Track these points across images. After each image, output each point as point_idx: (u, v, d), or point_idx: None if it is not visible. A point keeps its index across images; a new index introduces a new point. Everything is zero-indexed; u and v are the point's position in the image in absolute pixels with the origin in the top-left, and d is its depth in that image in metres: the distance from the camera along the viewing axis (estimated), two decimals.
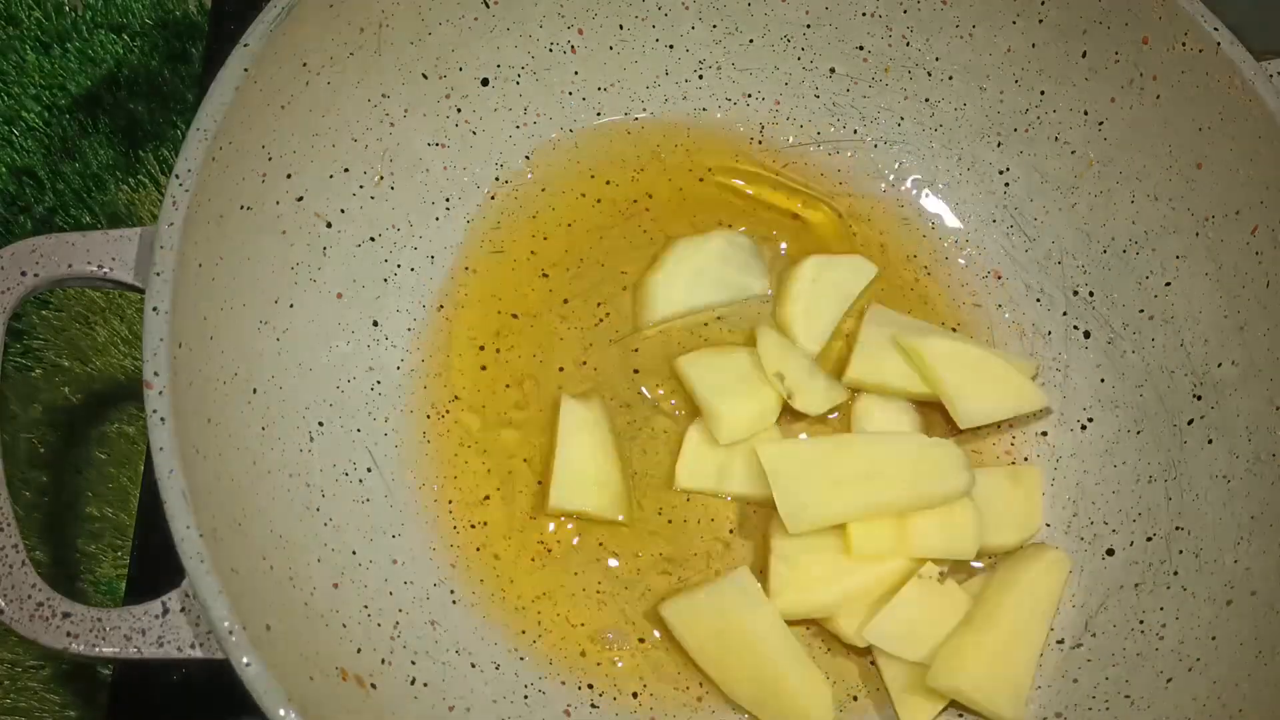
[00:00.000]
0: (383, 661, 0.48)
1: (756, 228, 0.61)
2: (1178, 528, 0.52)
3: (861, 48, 0.60)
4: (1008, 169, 0.60)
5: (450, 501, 0.54)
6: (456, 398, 0.56)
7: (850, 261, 0.59)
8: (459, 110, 0.58)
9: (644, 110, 0.62)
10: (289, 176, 0.51)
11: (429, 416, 0.56)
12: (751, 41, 0.61)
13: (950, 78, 0.60)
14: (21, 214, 0.64)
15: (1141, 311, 0.56)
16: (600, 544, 0.54)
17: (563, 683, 0.51)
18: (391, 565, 0.52)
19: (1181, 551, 0.51)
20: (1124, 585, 0.53)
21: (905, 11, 0.58)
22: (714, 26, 0.60)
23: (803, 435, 0.56)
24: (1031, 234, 0.60)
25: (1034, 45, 0.57)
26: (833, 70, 0.61)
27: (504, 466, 0.55)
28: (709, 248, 0.59)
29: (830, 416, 0.56)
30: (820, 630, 0.53)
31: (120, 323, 0.62)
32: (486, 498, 0.54)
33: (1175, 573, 0.51)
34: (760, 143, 0.63)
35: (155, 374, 0.41)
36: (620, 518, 0.54)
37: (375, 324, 0.56)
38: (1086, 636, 0.52)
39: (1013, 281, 0.60)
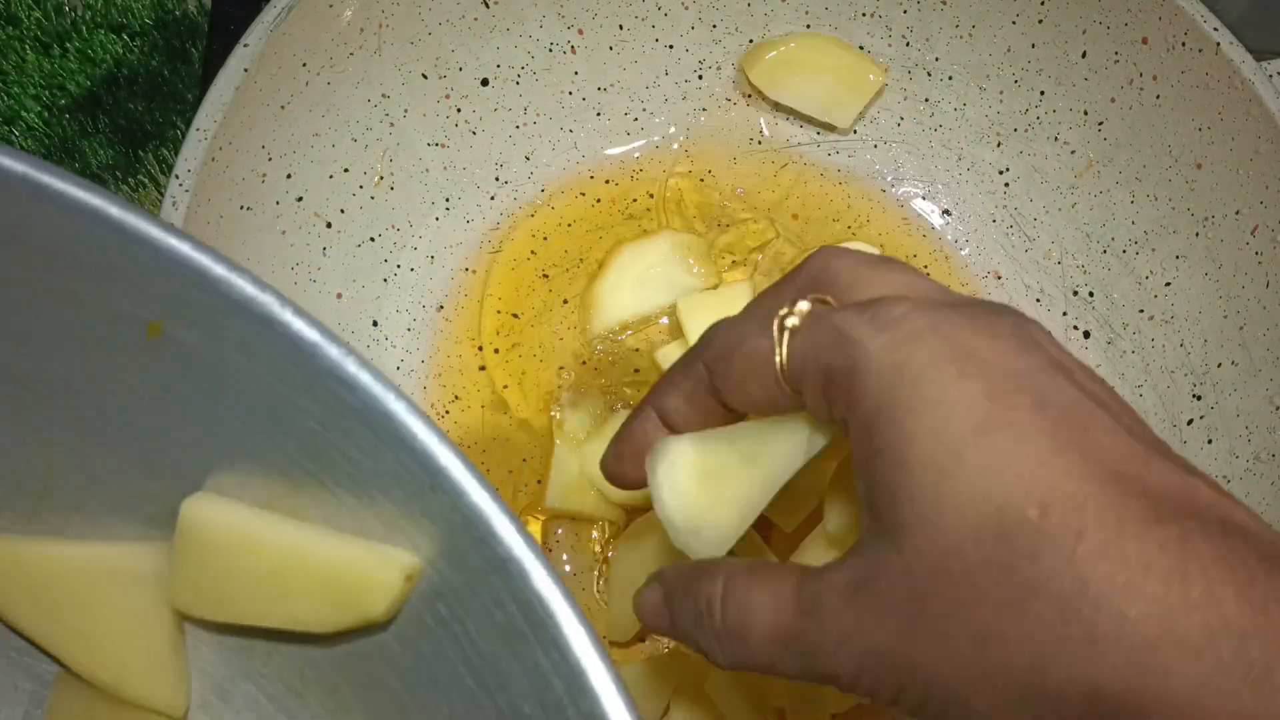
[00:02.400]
0: None
1: (755, 227, 0.61)
2: None
3: (861, 48, 0.60)
4: (1008, 169, 0.60)
5: None
6: (456, 398, 0.56)
7: (855, 249, 0.59)
8: (459, 110, 0.58)
9: (643, 110, 0.62)
10: (289, 176, 0.51)
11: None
12: (751, 41, 0.61)
13: (950, 78, 0.60)
14: None
15: (1141, 311, 0.56)
16: (601, 544, 0.54)
17: None
18: None
19: None
20: None
21: (905, 11, 0.58)
22: (714, 26, 0.60)
23: None
24: (1031, 234, 0.60)
25: (1034, 45, 0.57)
26: None
27: (504, 466, 0.55)
28: (655, 249, 0.59)
29: None
30: None
31: None
32: None
33: None
34: (760, 143, 0.63)
35: None
36: (616, 518, 0.54)
37: (375, 324, 0.56)
38: None
39: (1013, 281, 0.61)
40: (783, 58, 0.60)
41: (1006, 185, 0.61)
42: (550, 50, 0.59)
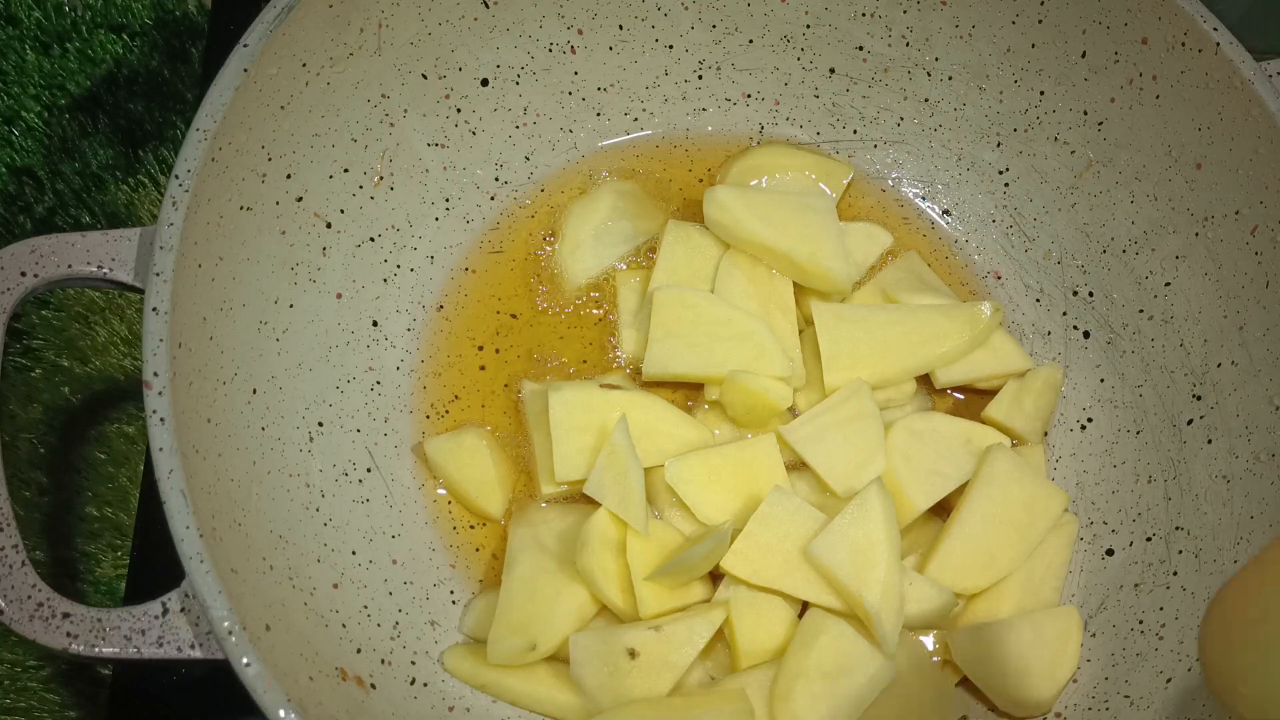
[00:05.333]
0: (383, 661, 0.48)
1: None
2: (1178, 528, 0.52)
3: (861, 48, 0.60)
4: (1007, 169, 0.60)
5: (450, 502, 0.54)
6: (456, 398, 0.56)
7: (863, 229, 0.60)
8: (459, 110, 0.58)
9: (643, 110, 0.62)
10: (289, 176, 0.51)
11: (429, 416, 0.56)
12: (751, 42, 0.61)
13: (950, 78, 0.60)
14: (21, 214, 0.64)
15: (1141, 311, 0.56)
16: None
17: None
18: (391, 565, 0.52)
19: (1181, 551, 0.51)
20: (1124, 585, 0.53)
21: (905, 12, 0.58)
22: (713, 27, 0.60)
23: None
24: (1031, 234, 0.60)
25: (1034, 45, 0.57)
26: (833, 70, 0.61)
27: (504, 464, 0.55)
28: (601, 205, 0.60)
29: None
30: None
31: (120, 323, 0.62)
32: None
33: (1175, 573, 0.51)
34: (759, 143, 0.63)
35: (155, 374, 0.41)
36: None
37: (375, 324, 0.56)
38: (1086, 636, 0.52)
39: (1013, 281, 0.61)
40: (750, 164, 0.60)
41: (1006, 185, 0.61)
42: (550, 50, 0.59)
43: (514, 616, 0.49)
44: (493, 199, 0.60)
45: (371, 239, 0.56)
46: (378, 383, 0.55)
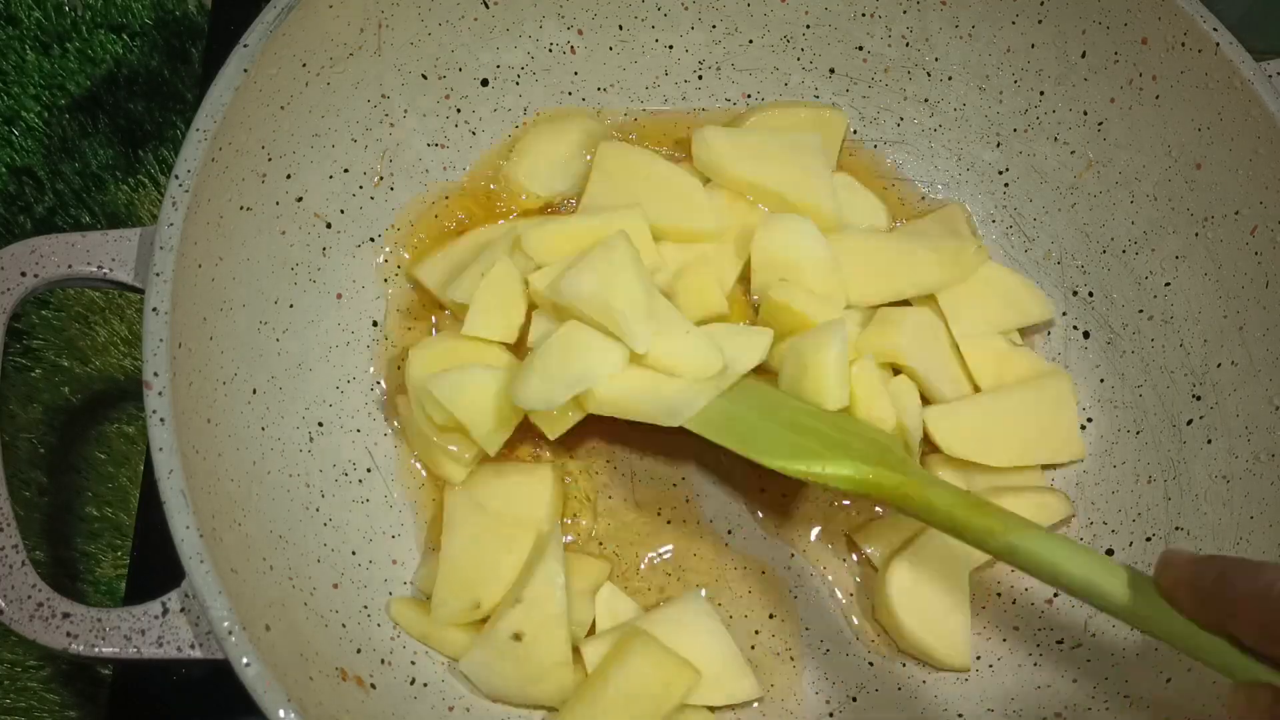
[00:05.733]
0: (383, 661, 0.48)
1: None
2: (1178, 528, 0.52)
3: (861, 48, 0.60)
4: (1007, 169, 0.60)
5: None
6: None
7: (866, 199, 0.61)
8: (459, 110, 0.58)
9: (644, 110, 0.62)
10: (289, 177, 0.51)
11: None
12: (751, 42, 0.61)
13: (950, 78, 0.60)
14: (21, 214, 0.64)
15: (1141, 311, 0.56)
16: (600, 544, 0.54)
17: None
18: (391, 565, 0.52)
19: None
20: None
21: (905, 12, 0.58)
22: (713, 27, 0.60)
23: None
24: (1031, 234, 0.60)
25: (1034, 45, 0.57)
26: (833, 70, 0.61)
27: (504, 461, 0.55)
28: (569, 139, 0.59)
29: None
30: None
31: (120, 323, 0.62)
32: None
33: None
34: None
35: (155, 374, 0.41)
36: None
37: (375, 324, 0.56)
38: (1086, 636, 0.52)
39: None
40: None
41: (1006, 185, 0.61)
42: (550, 50, 0.59)
43: (456, 578, 0.49)
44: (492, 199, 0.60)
45: (371, 239, 0.56)
46: (378, 383, 0.55)
